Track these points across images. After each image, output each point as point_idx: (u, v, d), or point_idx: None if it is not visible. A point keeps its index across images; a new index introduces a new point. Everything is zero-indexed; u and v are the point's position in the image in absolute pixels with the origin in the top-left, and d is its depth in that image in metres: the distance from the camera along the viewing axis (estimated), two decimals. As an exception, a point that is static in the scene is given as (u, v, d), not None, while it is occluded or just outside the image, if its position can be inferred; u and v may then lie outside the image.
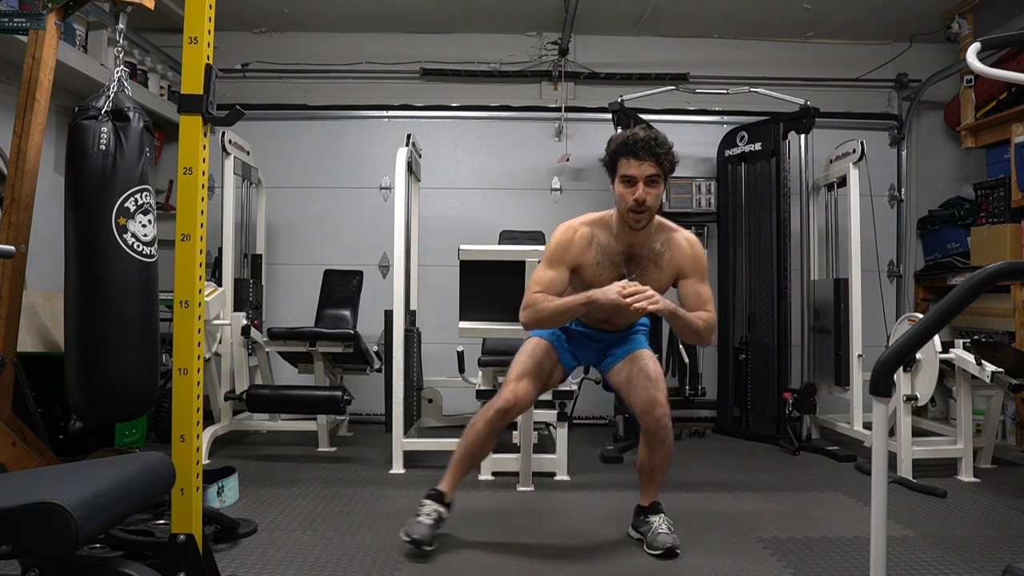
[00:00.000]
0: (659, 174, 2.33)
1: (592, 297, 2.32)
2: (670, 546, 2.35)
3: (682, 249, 2.45)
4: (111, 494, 1.36)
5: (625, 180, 2.33)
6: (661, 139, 2.35)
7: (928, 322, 1.45)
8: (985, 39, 1.73)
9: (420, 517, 2.39)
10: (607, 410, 4.59)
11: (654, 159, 2.31)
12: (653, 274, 2.43)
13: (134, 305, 2.17)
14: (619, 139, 2.37)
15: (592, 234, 2.45)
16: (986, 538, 2.56)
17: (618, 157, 2.35)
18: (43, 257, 3.25)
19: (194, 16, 1.84)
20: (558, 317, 2.38)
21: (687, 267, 2.44)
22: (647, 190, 2.31)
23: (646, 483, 2.52)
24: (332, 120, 5.00)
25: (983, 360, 3.25)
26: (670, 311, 2.32)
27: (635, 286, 2.27)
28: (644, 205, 2.31)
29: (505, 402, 2.39)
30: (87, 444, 3.19)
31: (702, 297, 2.43)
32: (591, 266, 2.44)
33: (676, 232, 2.49)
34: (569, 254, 2.43)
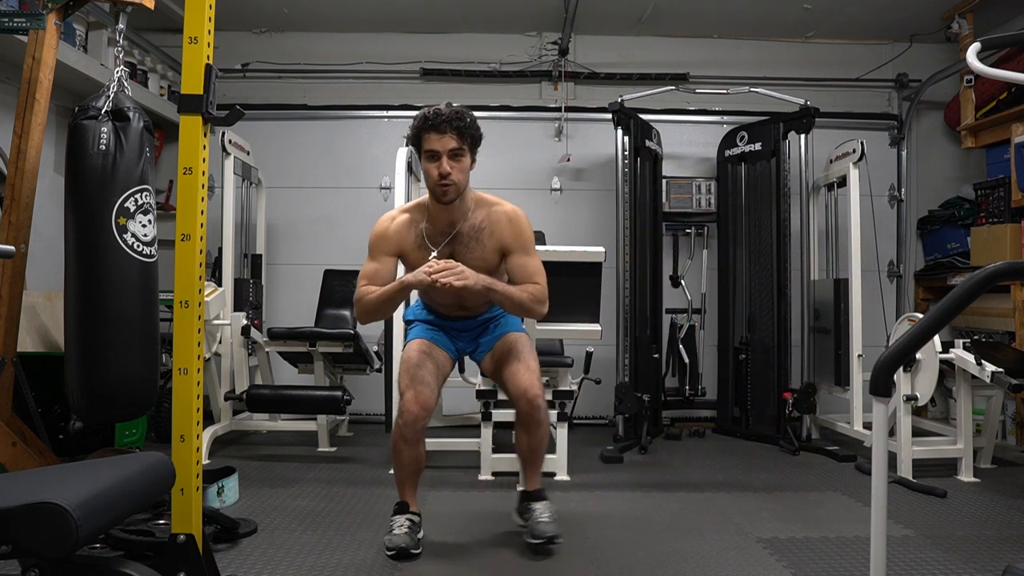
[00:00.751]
0: (461, 147, 2.35)
1: (404, 281, 2.34)
2: (551, 535, 2.34)
3: (501, 224, 2.45)
4: (111, 494, 1.36)
5: (429, 155, 2.36)
6: (463, 113, 2.38)
7: (928, 322, 1.44)
8: (985, 39, 1.73)
9: (394, 529, 2.39)
10: (607, 410, 4.59)
11: (455, 132, 2.33)
12: (475, 251, 2.44)
13: (134, 305, 2.17)
14: (420, 115, 2.38)
15: (410, 219, 2.48)
16: (986, 538, 2.56)
17: (421, 133, 2.37)
18: (43, 257, 3.25)
19: (194, 16, 1.84)
20: (381, 306, 2.39)
21: (509, 241, 2.44)
22: (451, 163, 2.33)
23: (526, 467, 2.53)
24: (332, 120, 5.00)
25: (983, 360, 3.25)
26: (484, 286, 2.32)
27: (441, 263, 2.29)
28: (449, 178, 2.33)
29: (409, 413, 2.36)
30: (87, 444, 3.19)
31: (527, 270, 2.42)
32: (413, 250, 2.46)
33: (497, 206, 2.50)
34: (388, 243, 2.46)
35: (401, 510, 2.46)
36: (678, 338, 4.77)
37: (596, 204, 4.92)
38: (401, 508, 2.47)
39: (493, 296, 2.37)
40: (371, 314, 2.42)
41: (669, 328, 4.80)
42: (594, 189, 4.95)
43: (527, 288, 2.39)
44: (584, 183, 5.00)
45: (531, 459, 2.51)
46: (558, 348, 4.09)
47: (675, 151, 4.97)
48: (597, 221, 4.87)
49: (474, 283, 2.28)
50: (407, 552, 2.32)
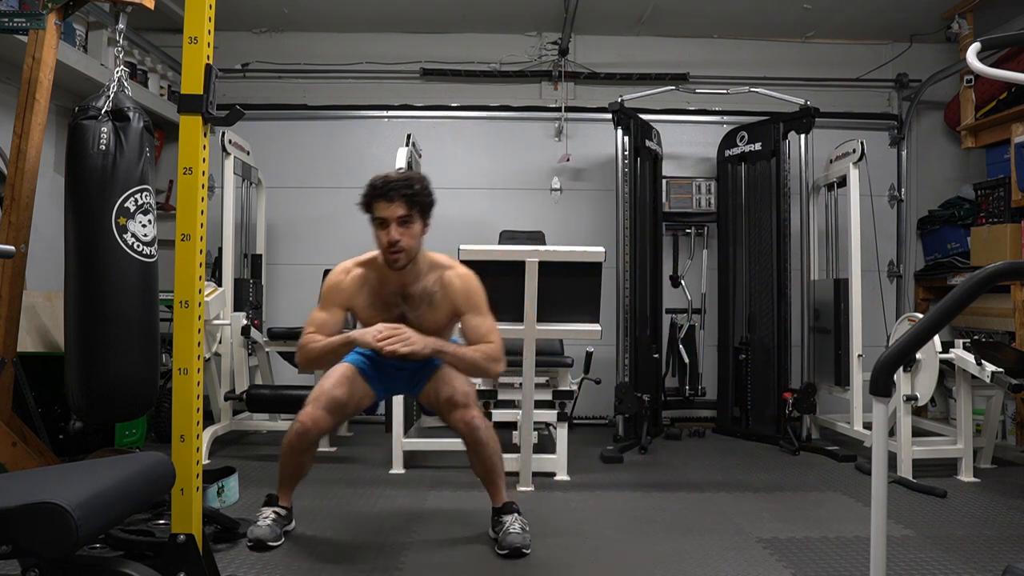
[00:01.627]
0: (410, 214, 2.37)
1: (350, 338, 2.37)
2: (517, 546, 2.35)
3: (453, 286, 2.47)
4: (111, 494, 1.36)
5: (379, 222, 2.38)
6: (414, 179, 2.41)
7: (928, 322, 1.44)
8: (985, 39, 1.72)
9: (259, 520, 2.43)
10: (607, 410, 4.59)
11: (404, 200, 2.35)
12: (428, 314, 2.46)
13: (134, 305, 2.17)
14: (370, 183, 2.41)
15: (364, 275, 2.50)
16: (986, 538, 2.56)
17: (371, 201, 2.39)
18: (43, 257, 3.25)
19: (194, 16, 1.84)
20: (324, 357, 2.42)
21: (460, 303, 2.46)
22: (400, 231, 2.35)
23: (488, 486, 2.55)
24: (332, 120, 5.00)
25: (983, 360, 3.25)
26: (433, 349, 2.36)
27: (391, 328, 2.32)
28: (398, 245, 2.35)
29: (302, 425, 2.41)
30: (87, 444, 3.19)
31: (480, 330, 2.44)
32: (364, 308, 2.49)
33: (449, 269, 2.50)
34: (340, 296, 2.49)
35: (270, 502, 2.52)
36: (678, 338, 4.77)
37: (596, 204, 4.92)
38: (270, 500, 2.53)
39: (444, 358, 2.41)
40: (312, 363, 2.46)
41: (669, 328, 4.80)
42: (594, 189, 4.95)
43: (480, 348, 2.42)
44: (584, 183, 5.00)
45: (488, 478, 2.54)
46: (558, 348, 4.09)
47: (675, 151, 4.97)
48: (597, 221, 4.88)
49: (421, 348, 2.32)
50: (264, 544, 2.36)
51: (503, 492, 2.55)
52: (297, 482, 2.56)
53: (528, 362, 3.09)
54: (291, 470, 2.52)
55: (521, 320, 2.99)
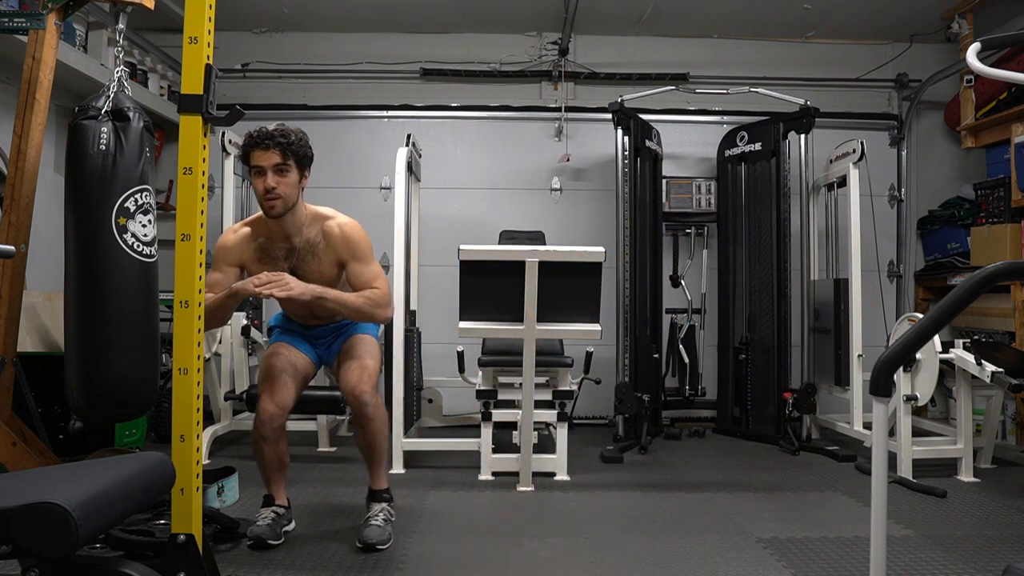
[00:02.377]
0: (286, 163, 2.44)
1: (234, 289, 2.38)
2: (371, 541, 2.37)
3: (334, 236, 2.53)
4: (111, 494, 1.36)
5: (255, 170, 2.43)
6: (288, 131, 2.49)
7: (928, 322, 1.44)
8: (985, 39, 1.72)
9: (258, 520, 2.45)
10: (607, 410, 4.59)
11: (278, 148, 2.42)
12: (312, 264, 2.52)
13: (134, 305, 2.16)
14: (248, 133, 2.47)
15: (251, 232, 2.55)
16: (986, 538, 2.56)
17: (248, 151, 2.45)
18: (43, 257, 3.25)
19: (194, 16, 1.85)
20: (214, 313, 2.42)
21: (343, 252, 2.52)
22: (276, 178, 2.41)
23: (368, 463, 2.58)
24: (332, 120, 5.00)
25: (983, 360, 3.25)
26: (314, 295, 2.38)
27: (269, 275, 2.34)
28: (274, 192, 2.40)
29: (267, 414, 2.43)
30: (87, 444, 3.19)
31: (363, 276, 2.49)
32: (253, 263, 2.53)
33: (330, 220, 2.57)
34: (229, 254, 2.53)
35: (267, 503, 2.53)
36: (678, 338, 4.77)
37: (596, 204, 4.92)
38: (267, 501, 2.54)
39: (325, 303, 2.43)
40: (207, 320, 2.43)
41: (669, 328, 4.80)
42: (594, 189, 4.95)
43: (364, 293, 2.46)
44: (584, 183, 5.00)
45: (368, 454, 2.56)
46: (558, 348, 4.09)
47: (675, 151, 4.97)
48: (597, 221, 4.88)
49: (299, 293, 2.34)
50: (264, 542, 2.37)
51: (381, 476, 2.57)
52: (282, 474, 2.56)
53: (528, 362, 3.09)
54: (272, 463, 2.52)
55: (521, 320, 2.99)
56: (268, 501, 2.54)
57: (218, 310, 2.42)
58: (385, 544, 2.41)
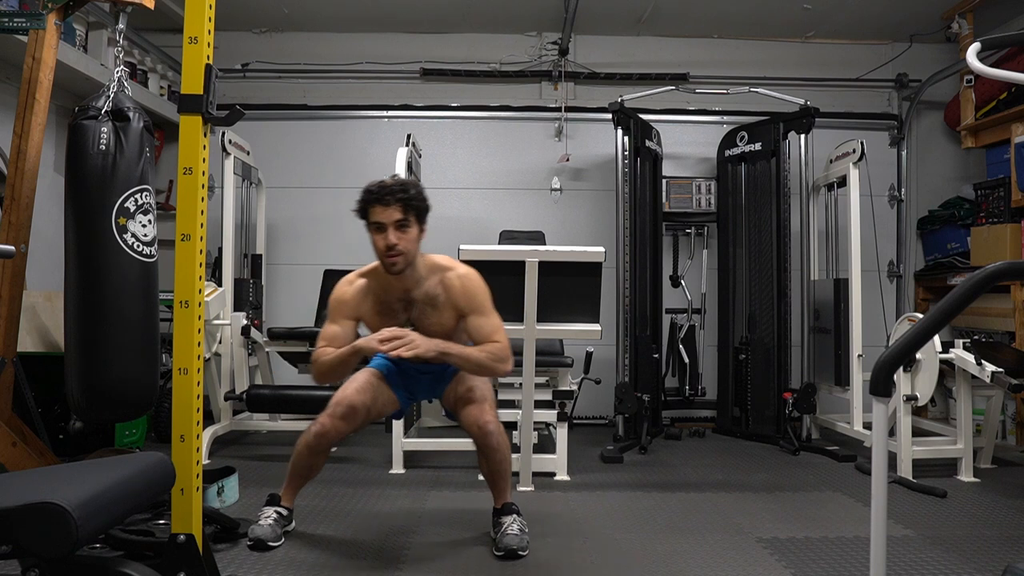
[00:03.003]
0: (407, 218, 2.37)
1: (357, 347, 2.37)
2: (513, 547, 2.36)
3: (454, 288, 2.47)
4: (111, 494, 1.36)
5: (375, 227, 2.39)
6: (409, 184, 2.42)
7: (928, 322, 1.44)
8: (985, 39, 1.72)
9: (260, 520, 2.44)
10: (607, 410, 4.59)
11: (400, 204, 2.36)
12: (432, 317, 2.47)
13: (134, 305, 2.17)
14: (366, 188, 2.41)
15: (368, 285, 2.52)
16: (986, 538, 2.56)
17: (367, 206, 2.40)
18: (43, 257, 3.25)
19: (194, 16, 1.85)
20: (335, 369, 2.42)
21: (462, 304, 2.46)
22: (397, 234, 2.36)
23: (492, 488, 2.56)
24: (332, 120, 5.00)
25: (983, 360, 3.25)
26: (439, 351, 2.35)
27: (394, 331, 2.33)
28: (396, 249, 2.36)
29: (322, 427, 2.42)
30: (87, 444, 3.19)
31: (484, 331, 2.44)
32: (371, 316, 2.51)
33: (450, 271, 2.50)
34: (347, 307, 2.50)
35: (272, 502, 2.52)
36: (678, 338, 4.77)
37: (596, 204, 4.92)
38: (272, 500, 2.53)
39: (449, 360, 2.40)
40: (325, 376, 2.46)
41: (669, 328, 4.80)
42: (594, 189, 4.95)
43: (486, 348, 2.41)
44: (584, 183, 5.00)
45: (494, 482, 2.54)
46: (558, 348, 4.09)
47: (675, 151, 4.97)
48: (597, 221, 4.88)
49: (425, 351, 2.32)
50: (264, 544, 2.36)
51: (507, 494, 2.55)
52: (304, 483, 2.56)
53: (528, 362, 3.09)
54: (302, 471, 2.51)
55: (521, 320, 2.99)
56: (273, 500, 2.52)
57: (340, 366, 2.41)
58: (525, 551, 2.37)
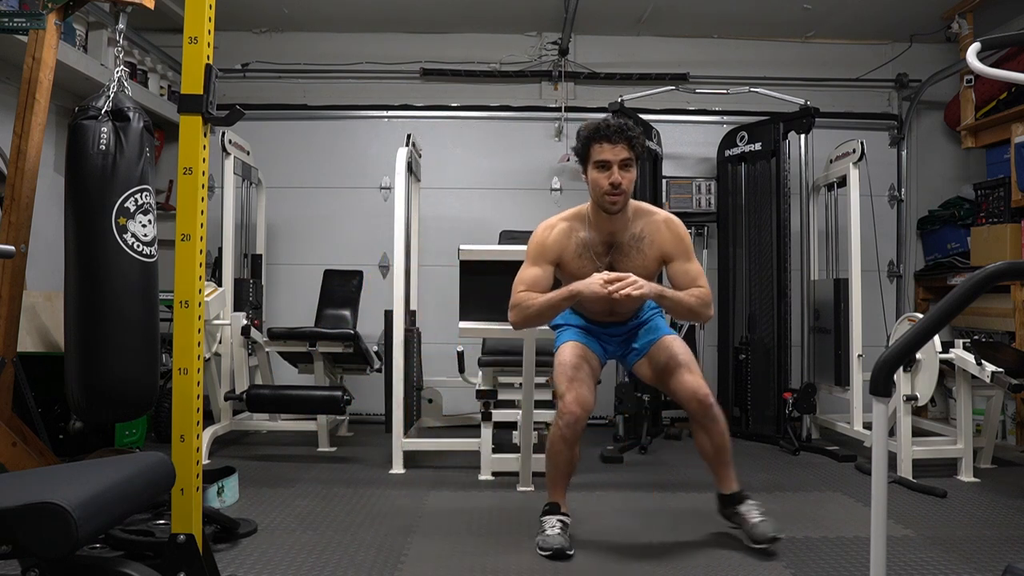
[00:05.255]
0: (631, 157, 2.37)
1: (574, 290, 2.33)
2: (771, 534, 2.33)
3: (661, 232, 2.46)
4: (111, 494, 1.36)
5: (599, 165, 2.37)
6: (631, 124, 2.41)
7: (928, 322, 1.44)
8: (985, 39, 1.72)
9: (547, 531, 2.41)
10: (607, 410, 4.59)
11: (626, 142, 2.35)
12: (636, 260, 2.45)
13: (134, 305, 2.17)
14: (590, 126, 2.41)
15: (570, 227, 2.49)
16: (986, 538, 2.56)
17: (591, 143, 2.39)
18: (43, 257, 3.25)
19: (194, 16, 1.85)
20: (544, 313, 2.39)
21: (669, 248, 2.45)
22: (621, 173, 2.35)
23: (716, 468, 2.50)
24: (332, 120, 5.00)
25: (983, 360, 3.25)
26: (656, 293, 2.33)
27: (616, 274, 2.29)
28: (620, 187, 2.35)
29: (571, 415, 2.37)
30: (87, 444, 3.19)
31: (691, 274, 2.44)
32: (573, 259, 2.46)
33: (655, 215, 2.50)
34: (549, 250, 2.46)
35: (553, 511, 2.48)
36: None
37: (596, 204, 4.91)
38: (552, 508, 2.49)
39: (663, 302, 2.38)
40: (531, 320, 2.42)
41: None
42: (594, 189, 4.94)
43: (693, 292, 2.40)
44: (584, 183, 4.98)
45: (718, 459, 2.47)
46: (558, 348, 4.09)
47: (675, 151, 4.97)
48: (597, 221, 4.87)
49: (647, 291, 2.28)
50: (563, 553, 2.32)
51: (733, 476, 2.49)
52: (569, 480, 2.52)
53: (528, 362, 3.09)
54: (565, 467, 2.48)
55: (521, 320, 2.98)
56: (554, 509, 2.48)
57: (552, 309, 2.38)
58: (781, 533, 2.35)
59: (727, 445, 2.46)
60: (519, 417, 3.34)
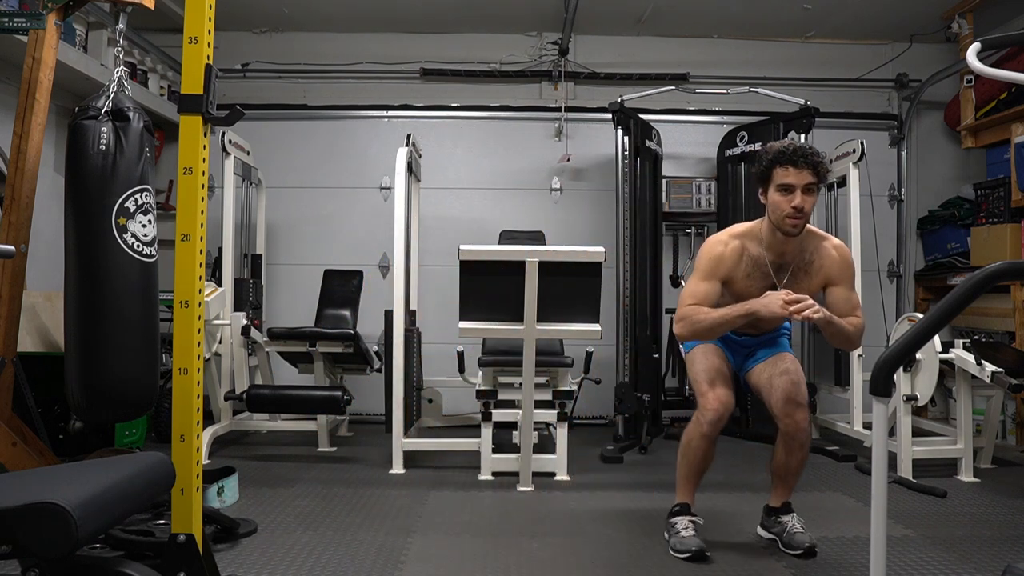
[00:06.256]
0: (815, 183, 2.37)
1: (752, 309, 2.32)
2: (809, 544, 2.37)
3: (831, 257, 2.47)
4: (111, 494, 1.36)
5: (783, 188, 2.38)
6: (816, 150, 2.42)
7: (928, 322, 1.45)
8: (985, 39, 1.73)
9: (681, 532, 2.42)
10: (607, 410, 4.59)
11: (811, 168, 2.35)
12: (803, 282, 2.46)
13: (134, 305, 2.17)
14: (776, 148, 2.42)
15: (742, 246, 2.50)
16: (986, 538, 2.56)
17: (775, 166, 2.40)
18: (43, 257, 3.25)
19: (194, 16, 1.85)
20: (716, 329, 2.40)
21: (836, 274, 2.46)
22: (805, 198, 2.35)
23: (779, 484, 2.53)
24: (332, 120, 5.00)
25: (983, 360, 3.25)
26: (827, 319, 2.33)
27: (794, 295, 2.29)
28: (803, 212, 2.35)
29: (715, 412, 2.38)
30: (87, 444, 3.19)
31: (851, 303, 2.45)
32: (741, 278, 2.47)
33: (826, 240, 2.51)
34: (721, 267, 2.47)
35: (683, 511, 2.50)
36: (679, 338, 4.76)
37: (596, 204, 4.92)
38: (683, 509, 2.50)
39: (830, 328, 2.37)
40: (701, 334, 2.43)
41: (669, 328, 4.79)
42: (594, 189, 4.95)
43: (852, 322, 2.41)
44: (584, 183, 5.00)
45: (786, 478, 2.51)
46: (558, 348, 4.09)
47: (675, 151, 4.97)
48: (597, 221, 4.87)
49: (824, 316, 2.29)
50: (703, 553, 2.33)
51: (790, 494, 2.53)
52: (701, 477, 2.54)
53: (528, 362, 3.09)
54: (700, 464, 2.48)
55: (521, 320, 2.99)
56: (684, 510, 2.49)
57: (724, 326, 2.39)
58: (818, 547, 2.39)
59: (800, 470, 2.50)
60: (519, 417, 3.34)
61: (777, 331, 2.64)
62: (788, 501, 2.52)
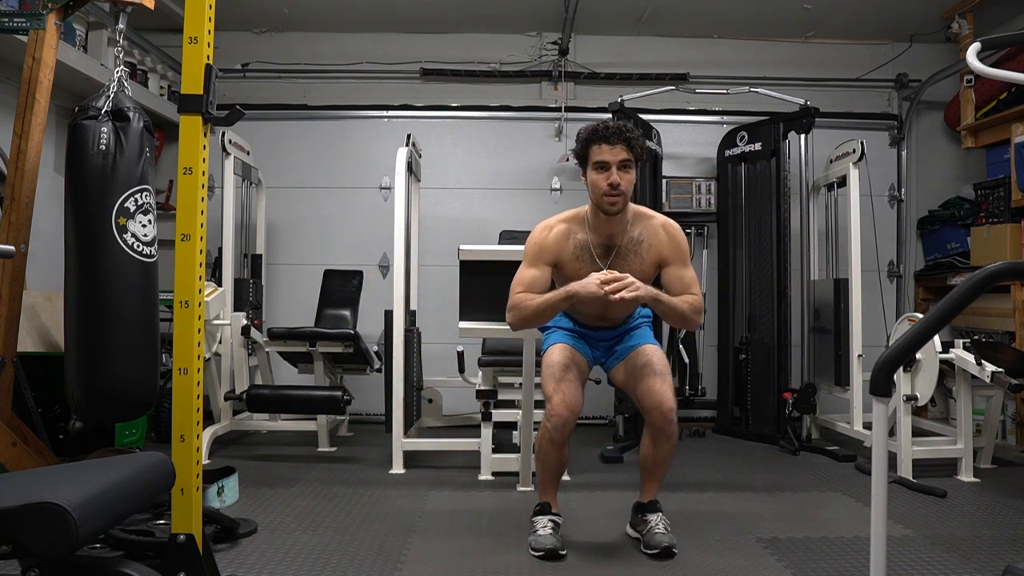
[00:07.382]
0: (630, 159, 2.37)
1: (571, 291, 2.32)
2: (667, 545, 2.35)
3: (659, 236, 2.46)
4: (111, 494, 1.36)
5: (598, 166, 2.37)
6: (630, 126, 2.42)
7: (928, 322, 1.44)
8: (985, 39, 1.72)
9: (539, 531, 2.41)
10: (607, 410, 4.59)
11: (625, 144, 2.35)
12: (634, 263, 2.45)
13: (134, 305, 2.17)
14: (589, 128, 2.41)
15: (568, 229, 2.49)
16: (986, 538, 2.56)
17: (590, 145, 2.39)
18: (43, 257, 3.25)
19: (194, 16, 1.85)
20: (541, 314, 2.39)
21: (667, 253, 2.46)
22: (620, 174, 2.35)
23: (647, 479, 2.52)
24: (332, 120, 5.00)
25: (983, 360, 3.24)
26: (651, 297, 2.34)
27: (614, 274, 2.28)
28: (618, 188, 2.34)
29: (559, 418, 2.36)
30: (87, 444, 3.19)
31: (685, 281, 2.44)
32: (570, 261, 2.46)
33: (653, 219, 2.50)
34: (546, 253, 2.46)
35: (543, 511, 2.49)
36: (678, 338, 4.77)
37: (596, 204, 4.91)
38: (543, 509, 2.50)
39: (658, 307, 2.37)
40: (528, 320, 2.42)
41: (669, 328, 4.79)
42: (594, 189, 4.94)
43: (686, 299, 2.40)
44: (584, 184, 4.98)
45: (654, 472, 2.50)
46: (558, 348, 4.09)
47: (675, 151, 4.97)
48: (597, 221, 4.86)
49: (644, 294, 2.29)
50: (556, 553, 2.33)
51: (656, 489, 2.52)
52: (559, 480, 2.55)
53: (528, 362, 3.09)
54: (554, 468, 2.49)
55: (521, 320, 2.98)
56: (544, 509, 2.49)
57: (549, 311, 2.38)
58: (676, 547, 2.37)
59: (668, 463, 2.49)
60: (519, 417, 3.34)
61: (633, 320, 2.61)
62: (655, 499, 2.51)
